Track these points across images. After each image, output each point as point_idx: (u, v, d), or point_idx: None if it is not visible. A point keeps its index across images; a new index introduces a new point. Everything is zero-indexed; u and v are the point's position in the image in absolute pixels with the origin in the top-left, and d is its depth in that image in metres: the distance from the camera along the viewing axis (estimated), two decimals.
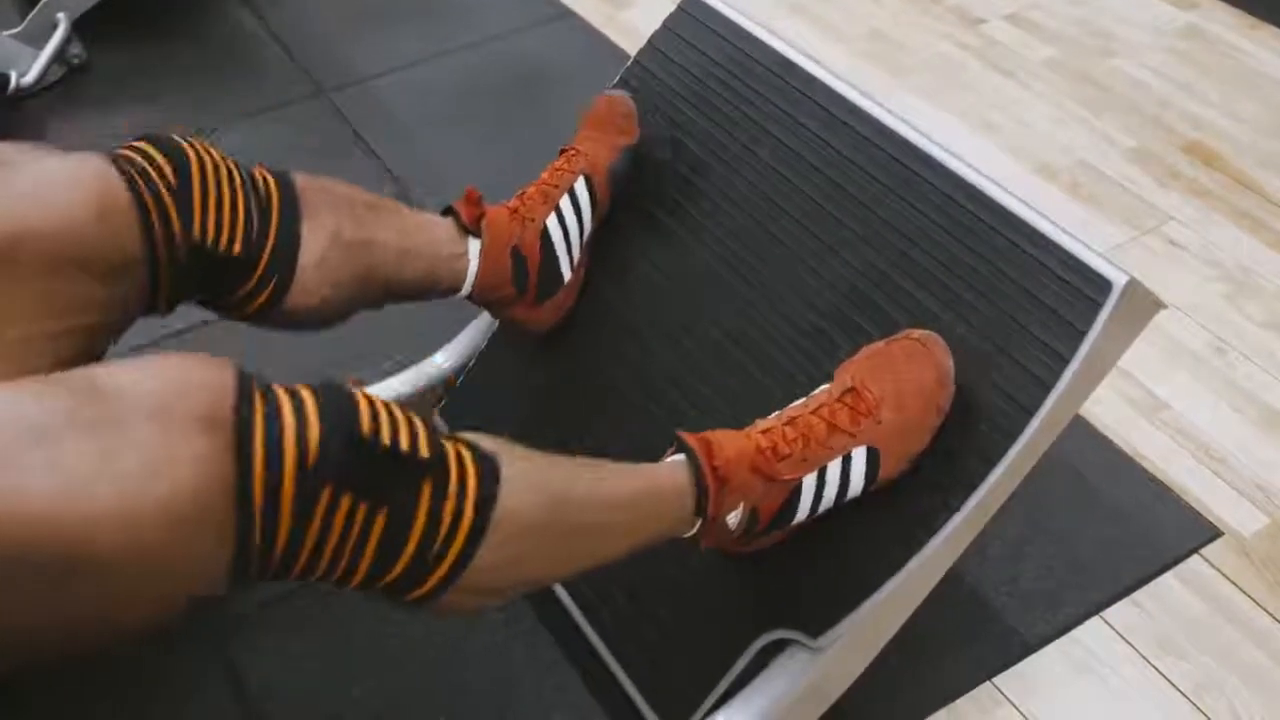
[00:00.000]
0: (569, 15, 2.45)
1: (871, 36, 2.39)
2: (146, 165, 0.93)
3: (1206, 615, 1.35)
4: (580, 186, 1.27)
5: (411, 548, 0.76)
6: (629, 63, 1.44)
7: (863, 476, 1.03)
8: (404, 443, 0.75)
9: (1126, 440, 1.55)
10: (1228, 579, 1.39)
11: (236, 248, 0.98)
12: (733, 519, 0.98)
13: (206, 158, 0.97)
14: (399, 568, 0.76)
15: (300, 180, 1.06)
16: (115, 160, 0.92)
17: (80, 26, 2.22)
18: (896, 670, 1.20)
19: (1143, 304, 1.06)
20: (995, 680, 1.28)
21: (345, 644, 1.29)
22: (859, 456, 1.02)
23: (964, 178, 1.13)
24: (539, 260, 1.23)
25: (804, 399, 1.06)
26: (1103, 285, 1.02)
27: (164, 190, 0.93)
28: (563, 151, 1.32)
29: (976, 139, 2.10)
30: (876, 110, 1.22)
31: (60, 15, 2.17)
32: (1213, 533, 1.43)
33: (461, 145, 2.11)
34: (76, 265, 0.87)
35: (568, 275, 1.28)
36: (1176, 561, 1.40)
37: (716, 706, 1.11)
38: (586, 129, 1.35)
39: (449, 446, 0.79)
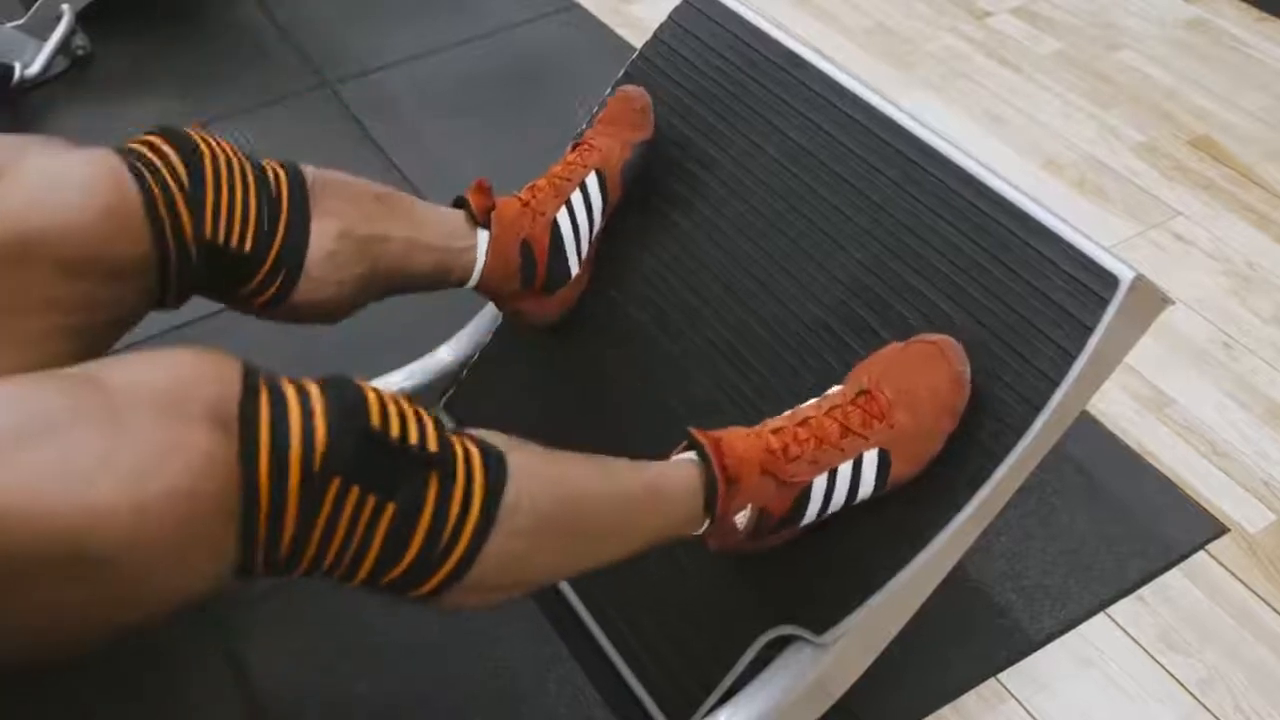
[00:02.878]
0: (574, 8, 2.45)
1: (877, 30, 2.38)
2: (158, 161, 0.93)
3: (1212, 611, 1.35)
4: (592, 181, 1.26)
5: (419, 540, 0.76)
6: (634, 56, 1.43)
7: (873, 479, 1.02)
8: (413, 436, 0.75)
9: (1132, 436, 1.55)
10: (1233, 575, 1.38)
11: (248, 246, 0.98)
12: (741, 519, 0.97)
13: (220, 153, 0.97)
14: (406, 561, 0.76)
15: (310, 175, 1.06)
16: (128, 155, 0.92)
17: (84, 18, 2.22)
18: (901, 666, 1.20)
19: (1150, 300, 1.06)
20: (1000, 676, 1.28)
21: (348, 638, 1.29)
22: (870, 459, 1.02)
23: (971, 173, 1.13)
24: (547, 254, 1.23)
25: (816, 399, 1.06)
26: (1110, 281, 1.02)
27: (176, 190, 0.92)
28: (575, 145, 1.31)
29: (983, 133, 2.09)
30: (883, 105, 1.21)
31: (64, 7, 2.17)
32: (1219, 529, 1.43)
33: (466, 137, 2.10)
34: (87, 265, 0.88)
35: (575, 270, 1.27)
36: (1182, 558, 1.40)
37: (721, 703, 1.11)
38: (600, 124, 1.34)
39: (456, 441, 0.79)
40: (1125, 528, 1.42)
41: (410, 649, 1.28)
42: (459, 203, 1.19)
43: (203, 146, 0.96)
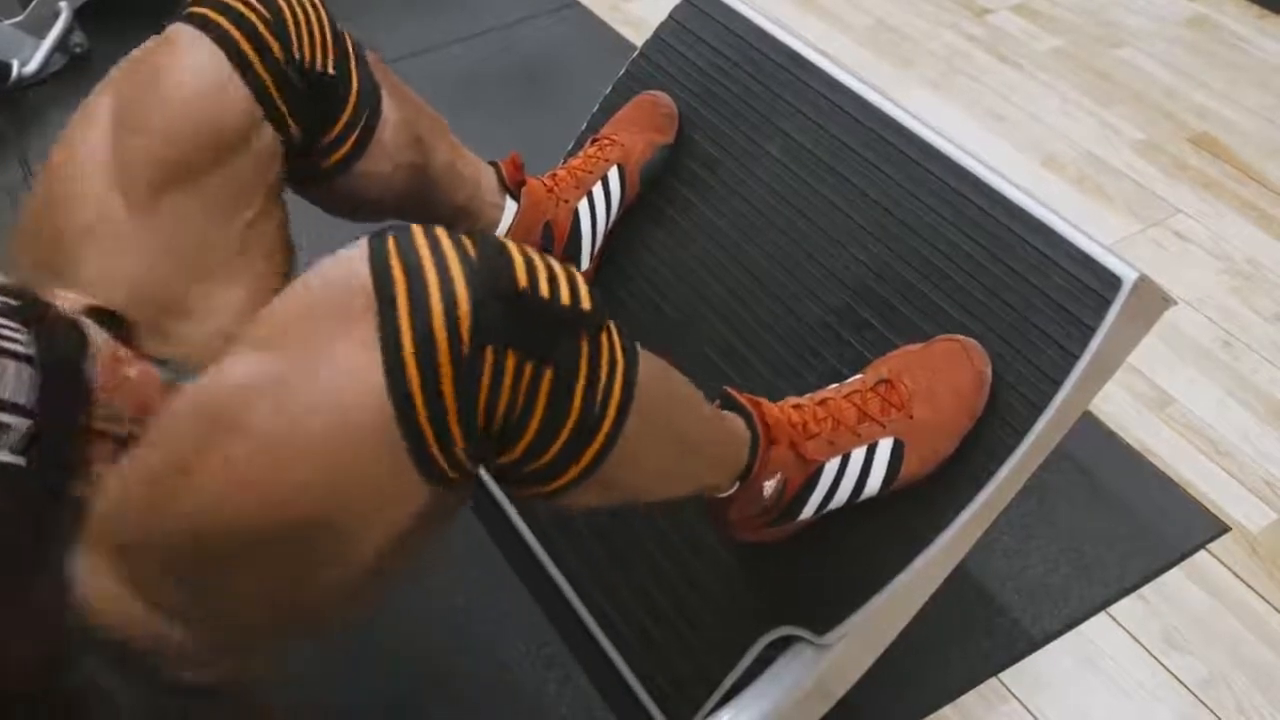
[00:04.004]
0: (574, 6, 2.44)
1: (877, 27, 2.38)
2: (243, 7, 0.94)
3: (1213, 611, 1.34)
4: (613, 175, 1.28)
5: (575, 411, 0.71)
6: (635, 55, 1.43)
7: (884, 470, 1.02)
8: (564, 294, 0.70)
9: (1133, 435, 1.54)
10: (1235, 574, 1.38)
11: (331, 68, 1.00)
12: (769, 487, 0.96)
13: None
14: (563, 435, 0.72)
15: (373, 58, 1.08)
16: (203, 18, 0.93)
17: (81, 15, 2.22)
18: (902, 666, 1.20)
19: (1152, 300, 1.05)
20: (1001, 676, 1.28)
21: (348, 638, 1.29)
22: (884, 448, 1.02)
23: (973, 173, 1.13)
24: (565, 242, 1.24)
25: (835, 385, 1.06)
26: (1112, 282, 1.01)
27: (259, 23, 0.94)
28: (594, 140, 1.32)
29: (983, 131, 2.09)
30: (885, 105, 1.21)
31: (62, 4, 2.17)
32: (1220, 528, 1.43)
33: (466, 134, 2.08)
34: (227, 151, 0.92)
35: (585, 266, 1.28)
36: (1183, 557, 1.40)
37: (722, 703, 1.11)
38: (623, 122, 1.34)
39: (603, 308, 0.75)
40: (1126, 527, 1.42)
41: (410, 649, 1.28)
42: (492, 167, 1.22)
43: None
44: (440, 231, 0.67)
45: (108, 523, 0.70)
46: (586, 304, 0.71)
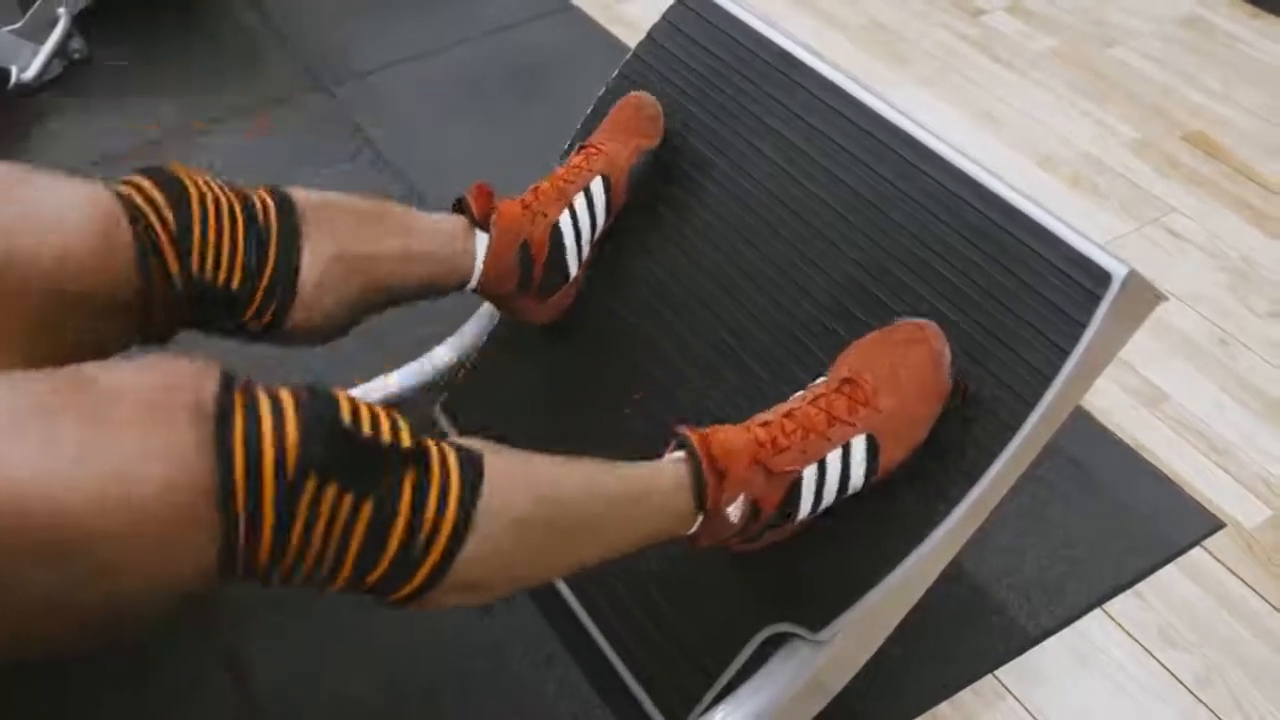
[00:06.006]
0: (569, 8, 2.45)
1: (871, 27, 2.39)
2: (146, 205, 0.91)
3: (1209, 607, 1.35)
4: (596, 185, 1.26)
5: (397, 538, 0.76)
6: (628, 56, 1.43)
7: (863, 466, 1.02)
8: (385, 434, 0.76)
9: (1128, 433, 1.55)
10: (1230, 571, 1.38)
11: (235, 284, 0.97)
12: (734, 511, 0.96)
13: (208, 192, 0.96)
14: (385, 560, 0.76)
15: (301, 200, 1.04)
16: (116, 194, 0.91)
17: (81, 21, 2.22)
18: (898, 663, 1.20)
19: (1143, 296, 1.06)
20: (997, 673, 1.28)
21: (348, 637, 1.29)
22: (859, 445, 1.02)
23: (965, 172, 1.13)
24: (546, 257, 1.23)
25: (801, 392, 1.06)
26: (1102, 277, 1.02)
27: (162, 233, 0.92)
28: (581, 148, 1.30)
29: (977, 130, 2.10)
30: (879, 105, 1.22)
31: (61, 10, 2.17)
32: (1215, 524, 1.43)
33: (461, 138, 2.11)
34: (72, 298, 0.86)
35: (573, 273, 1.27)
36: (1179, 553, 1.40)
37: (717, 700, 1.11)
38: (609, 128, 1.33)
39: (430, 442, 0.80)
40: (1122, 524, 1.43)
41: (409, 648, 1.28)
42: (459, 204, 1.19)
43: (189, 187, 0.95)
44: (279, 386, 0.74)
45: None
46: (406, 442, 0.77)
